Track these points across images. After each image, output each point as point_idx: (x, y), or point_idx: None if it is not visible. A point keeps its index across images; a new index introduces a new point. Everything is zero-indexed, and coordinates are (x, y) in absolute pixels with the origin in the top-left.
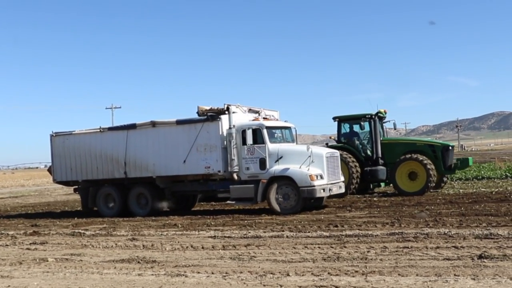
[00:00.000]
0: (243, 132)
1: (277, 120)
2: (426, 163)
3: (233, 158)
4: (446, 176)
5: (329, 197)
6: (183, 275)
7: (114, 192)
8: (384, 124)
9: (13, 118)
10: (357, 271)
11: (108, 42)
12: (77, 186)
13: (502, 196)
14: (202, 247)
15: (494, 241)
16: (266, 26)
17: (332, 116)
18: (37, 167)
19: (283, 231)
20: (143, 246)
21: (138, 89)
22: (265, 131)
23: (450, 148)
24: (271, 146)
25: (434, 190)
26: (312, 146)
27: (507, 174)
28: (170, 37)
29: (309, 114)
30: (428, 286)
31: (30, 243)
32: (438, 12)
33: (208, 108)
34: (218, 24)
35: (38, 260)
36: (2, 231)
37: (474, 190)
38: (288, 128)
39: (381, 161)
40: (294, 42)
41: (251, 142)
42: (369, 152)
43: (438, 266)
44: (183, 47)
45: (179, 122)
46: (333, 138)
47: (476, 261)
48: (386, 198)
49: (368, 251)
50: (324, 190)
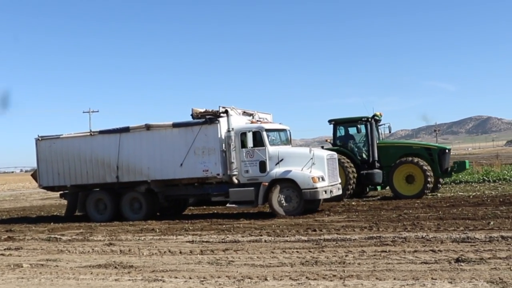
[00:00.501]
0: (243, 135)
1: (270, 122)
2: (424, 166)
3: (232, 161)
4: (441, 179)
5: (326, 200)
6: (161, 280)
7: (106, 197)
8: (379, 127)
9: None
10: (335, 275)
11: (87, 45)
12: (63, 192)
13: (479, 200)
14: (180, 252)
15: (471, 244)
16: (245, 30)
17: (309, 120)
18: (12, 172)
19: (261, 236)
20: (120, 251)
21: (117, 93)
22: (264, 134)
23: (447, 151)
24: (271, 149)
25: (431, 194)
26: (313, 148)
27: (484, 178)
28: (153, 41)
29: (286, 118)
30: None
31: (5, 249)
32: (416, 16)
33: (202, 110)
34: (205, 27)
35: (12, 266)
36: None
37: (452, 194)
38: (284, 130)
39: (377, 164)
40: (274, 46)
41: (251, 145)
42: (365, 155)
43: (415, 270)
44: (169, 51)
45: (176, 125)
46: (329, 141)
47: (453, 264)
48: (364, 203)
49: (346, 255)
50: (325, 192)
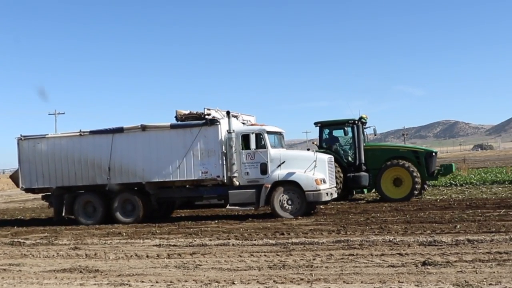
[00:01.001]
0: (244, 137)
1: (254, 124)
2: (412, 170)
3: (233, 163)
4: (427, 182)
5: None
6: (127, 285)
7: (96, 199)
8: (365, 130)
9: None
10: (302, 279)
11: (53, 46)
12: (45, 194)
13: (446, 203)
14: (147, 256)
15: (438, 248)
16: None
17: (279, 124)
18: None
19: (229, 239)
20: (86, 255)
21: (85, 95)
22: (266, 136)
23: (434, 154)
24: (273, 151)
25: (416, 197)
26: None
27: (452, 182)
28: (126, 42)
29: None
30: None
31: None
32: (384, 21)
33: (186, 112)
34: (179, 29)
35: None
36: None
37: (420, 198)
38: (280, 133)
39: (363, 167)
40: (241, 48)
41: (252, 147)
42: (351, 158)
43: (382, 273)
44: (144, 53)
45: (174, 126)
46: (315, 143)
47: (420, 268)
48: (332, 206)
49: (314, 259)
50: (327, 194)
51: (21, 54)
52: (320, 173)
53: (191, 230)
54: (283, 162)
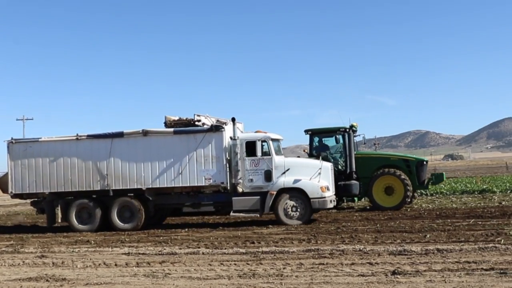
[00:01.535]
0: (248, 144)
1: (242, 131)
2: (404, 178)
3: (238, 169)
4: (416, 191)
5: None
6: None
7: (92, 205)
8: (354, 138)
9: None
10: None
11: (22, 51)
12: (35, 199)
13: (416, 213)
14: (115, 264)
15: (408, 257)
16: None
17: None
18: None
19: (199, 248)
20: (53, 263)
21: (53, 101)
22: (271, 143)
23: (425, 163)
24: (277, 158)
25: (408, 205)
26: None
27: (422, 192)
28: (96, 49)
29: None
30: None
31: None
32: (356, 32)
33: (176, 118)
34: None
35: None
36: None
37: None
38: (280, 140)
39: (354, 175)
40: (213, 56)
41: (257, 154)
42: (341, 166)
43: (352, 282)
44: (117, 60)
45: (177, 132)
46: (305, 151)
47: (389, 277)
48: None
49: (284, 268)
50: (331, 201)
51: None
52: (324, 180)
53: (161, 238)
54: (288, 170)
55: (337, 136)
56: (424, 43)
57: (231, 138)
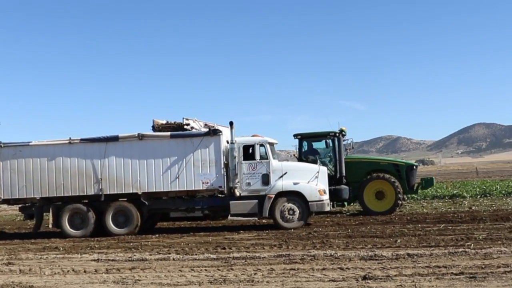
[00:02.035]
0: (245, 147)
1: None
2: (395, 183)
3: (236, 173)
4: (406, 195)
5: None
6: None
7: (86, 210)
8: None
9: None
10: None
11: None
12: (24, 205)
13: (387, 218)
14: (84, 271)
15: (378, 262)
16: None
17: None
18: None
19: (170, 254)
20: (20, 270)
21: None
22: (268, 147)
23: (414, 167)
24: (275, 162)
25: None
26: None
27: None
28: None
29: None
30: None
31: None
32: (327, 37)
33: (164, 122)
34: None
35: None
36: None
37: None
38: (273, 144)
39: (344, 180)
40: (184, 60)
41: (256, 158)
42: (331, 170)
43: (323, 287)
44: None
45: (174, 136)
46: (295, 155)
47: (360, 282)
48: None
49: (255, 274)
50: (328, 204)
51: None
52: (321, 184)
53: (131, 244)
54: (285, 173)
55: (327, 140)
56: (394, 49)
57: (227, 142)
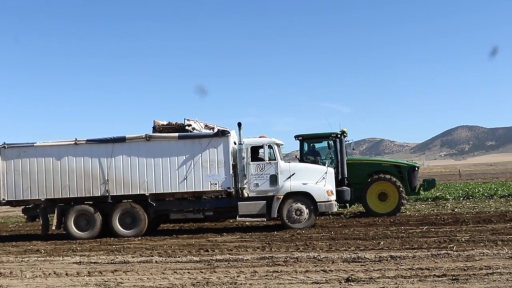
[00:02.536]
0: (253, 148)
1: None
2: (398, 184)
3: (244, 174)
4: (407, 197)
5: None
6: None
7: (93, 211)
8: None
9: None
10: None
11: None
12: (27, 206)
13: (370, 220)
14: (66, 274)
15: (362, 264)
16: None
17: None
18: None
19: (152, 256)
20: (0, 273)
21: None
22: (276, 148)
23: (416, 169)
24: (282, 163)
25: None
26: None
27: None
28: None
29: None
30: None
31: None
32: (310, 39)
33: (165, 123)
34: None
35: None
36: None
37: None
38: (279, 145)
39: (345, 181)
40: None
41: (265, 159)
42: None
43: None
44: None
45: (182, 137)
46: (296, 157)
47: (343, 284)
48: (258, 223)
49: (238, 276)
50: (336, 205)
51: None
52: (329, 184)
53: (113, 247)
54: (293, 174)
55: (329, 142)
56: (377, 52)
57: (234, 143)
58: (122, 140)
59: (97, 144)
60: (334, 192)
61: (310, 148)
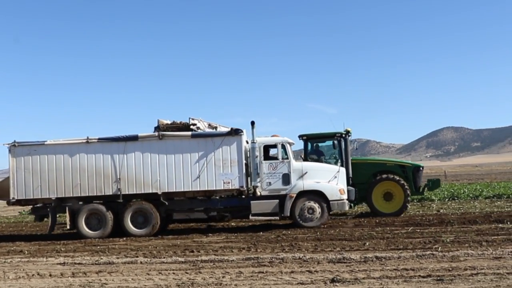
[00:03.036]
0: (266, 147)
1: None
2: (403, 184)
3: (257, 173)
4: (411, 197)
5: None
6: None
7: (105, 210)
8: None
9: None
10: None
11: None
12: (36, 206)
13: (356, 221)
14: (50, 275)
15: (347, 265)
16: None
17: None
18: None
19: (137, 257)
20: None
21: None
22: (289, 147)
23: (421, 169)
24: (295, 162)
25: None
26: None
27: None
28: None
29: None
30: None
31: None
32: (296, 40)
33: (169, 122)
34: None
35: None
36: None
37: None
38: (291, 144)
39: (350, 181)
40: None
41: (278, 157)
42: None
43: None
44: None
45: (195, 136)
46: (301, 156)
47: (328, 285)
48: (244, 223)
49: (223, 277)
50: (347, 203)
51: None
52: (341, 183)
53: (98, 247)
54: (306, 173)
55: (334, 141)
56: (362, 53)
57: (247, 141)
58: (134, 138)
59: (109, 142)
60: (346, 191)
61: (313, 147)
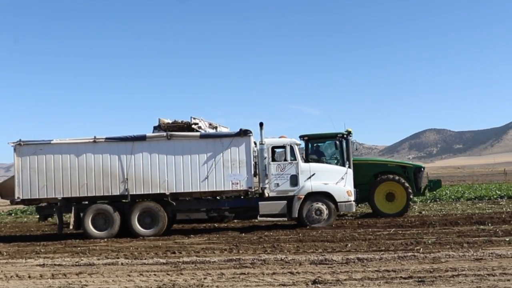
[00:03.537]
0: (274, 148)
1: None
2: (406, 184)
3: (266, 174)
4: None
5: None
6: None
7: (111, 211)
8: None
9: None
10: None
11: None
12: (41, 205)
13: (338, 222)
14: (29, 276)
15: (329, 266)
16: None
17: None
18: None
19: (118, 258)
20: None
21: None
22: (297, 148)
23: (422, 169)
24: (303, 163)
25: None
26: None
27: None
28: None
29: None
30: None
31: None
32: (279, 41)
33: (170, 121)
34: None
35: None
36: None
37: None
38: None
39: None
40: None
41: (287, 159)
42: None
43: None
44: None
45: (204, 136)
46: (303, 157)
47: (310, 286)
48: (226, 225)
49: (204, 278)
50: (355, 205)
51: None
52: (348, 185)
53: (79, 249)
54: (313, 174)
55: (336, 142)
56: (344, 55)
57: (255, 143)
58: (142, 138)
59: (116, 142)
60: (353, 192)
61: (314, 148)
